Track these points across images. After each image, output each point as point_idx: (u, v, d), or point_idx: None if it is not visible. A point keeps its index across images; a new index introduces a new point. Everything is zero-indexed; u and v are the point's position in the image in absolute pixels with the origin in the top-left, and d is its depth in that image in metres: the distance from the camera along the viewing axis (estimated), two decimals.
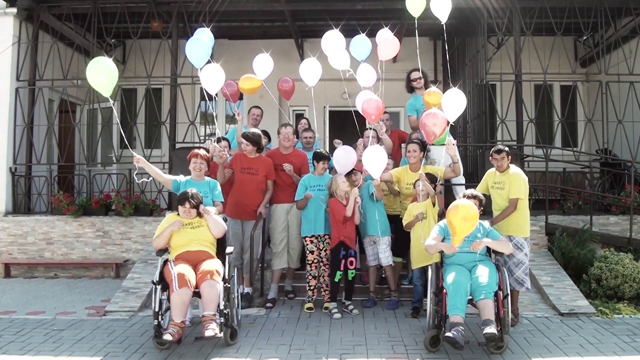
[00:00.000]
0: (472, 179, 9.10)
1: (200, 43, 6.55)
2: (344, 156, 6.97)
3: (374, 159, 6.27)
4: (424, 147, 7.11)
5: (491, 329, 5.01)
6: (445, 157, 7.13)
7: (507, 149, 6.43)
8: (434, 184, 6.62)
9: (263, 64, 7.27)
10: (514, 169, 6.39)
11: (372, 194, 6.95)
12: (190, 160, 6.44)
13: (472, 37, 10.63)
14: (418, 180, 6.63)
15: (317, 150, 7.29)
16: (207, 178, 6.51)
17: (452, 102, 6.02)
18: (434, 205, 6.59)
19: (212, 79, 6.65)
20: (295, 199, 7.15)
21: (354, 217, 6.75)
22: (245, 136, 7.10)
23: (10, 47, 9.74)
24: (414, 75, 8.31)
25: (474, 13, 9.68)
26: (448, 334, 4.98)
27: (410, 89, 8.46)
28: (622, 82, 9.72)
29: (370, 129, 8.12)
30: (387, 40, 7.05)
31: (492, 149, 6.51)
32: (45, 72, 9.98)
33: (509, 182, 6.27)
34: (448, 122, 6.09)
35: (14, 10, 9.71)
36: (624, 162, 9.87)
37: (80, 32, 10.43)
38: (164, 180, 6.43)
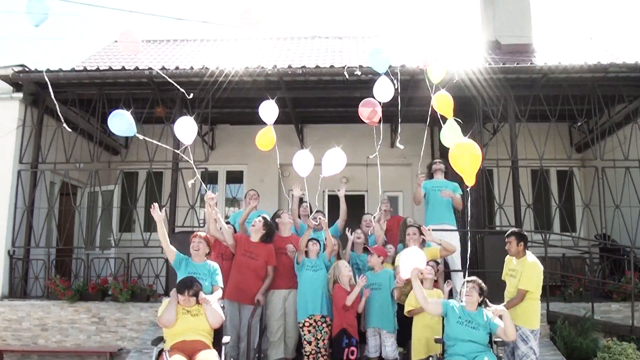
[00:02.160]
0: (471, 265, 9.05)
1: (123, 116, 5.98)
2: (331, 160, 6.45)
3: (411, 259, 6.05)
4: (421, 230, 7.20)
5: None
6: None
7: (518, 231, 6.44)
8: (437, 268, 6.67)
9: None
10: (531, 257, 6.31)
11: (393, 290, 6.86)
12: (191, 242, 6.44)
13: (468, 124, 10.83)
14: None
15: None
16: (207, 261, 6.46)
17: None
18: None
19: (186, 129, 6.59)
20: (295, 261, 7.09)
21: (356, 304, 6.69)
22: (264, 217, 7.20)
23: (14, 130, 9.91)
24: (435, 161, 8.83)
25: (470, 101, 9.92)
26: None
27: (431, 176, 8.68)
28: (617, 167, 9.84)
29: (368, 213, 8.22)
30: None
31: None
32: (48, 155, 10.11)
33: (522, 271, 6.19)
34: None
35: (20, 95, 9.96)
36: (623, 247, 9.85)
37: (84, 116, 10.64)
38: (167, 248, 6.28)
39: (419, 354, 6.38)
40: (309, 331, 6.75)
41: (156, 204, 6.15)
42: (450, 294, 7.00)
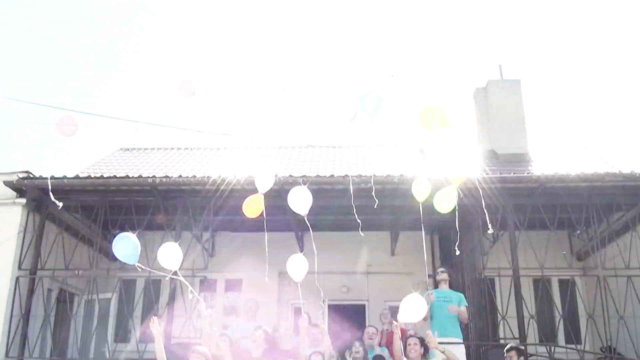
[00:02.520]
0: None
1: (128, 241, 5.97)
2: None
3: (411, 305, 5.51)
4: (423, 342, 7.08)
5: None
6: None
7: (517, 346, 6.34)
8: None
9: None
10: None
11: None
12: (190, 357, 6.26)
13: (468, 232, 10.86)
14: None
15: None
16: None
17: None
18: None
19: (171, 256, 6.48)
20: None
21: None
22: (266, 331, 7.24)
23: (15, 235, 9.88)
24: (438, 271, 8.85)
25: (468, 209, 10.00)
26: None
27: (434, 286, 8.67)
28: (619, 276, 9.73)
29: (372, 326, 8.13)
30: None
31: None
32: (48, 261, 10.04)
33: None
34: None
35: (23, 200, 9.98)
36: None
37: (86, 222, 10.67)
38: None
39: None
40: None
41: (155, 318, 6.06)
42: None
